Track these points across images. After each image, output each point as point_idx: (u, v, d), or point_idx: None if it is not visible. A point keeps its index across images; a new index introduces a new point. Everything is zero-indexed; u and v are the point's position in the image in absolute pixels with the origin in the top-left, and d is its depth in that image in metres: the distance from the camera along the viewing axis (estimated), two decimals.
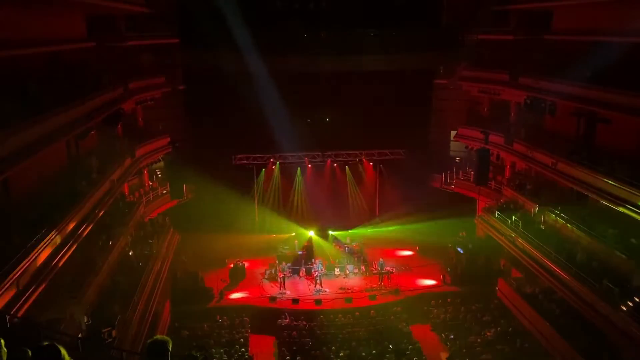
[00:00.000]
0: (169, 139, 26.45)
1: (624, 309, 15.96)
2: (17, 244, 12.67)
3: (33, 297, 12.56)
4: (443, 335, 21.95)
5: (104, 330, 14.21)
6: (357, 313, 23.19)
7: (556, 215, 21.64)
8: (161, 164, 27.73)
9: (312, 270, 25.75)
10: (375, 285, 25.37)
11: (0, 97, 14.02)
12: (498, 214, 24.36)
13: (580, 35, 22.40)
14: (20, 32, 16.46)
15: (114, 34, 24.20)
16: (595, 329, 17.32)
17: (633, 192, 17.13)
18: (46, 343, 4.32)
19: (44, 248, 13.59)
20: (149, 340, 5.02)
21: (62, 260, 14.48)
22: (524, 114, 25.06)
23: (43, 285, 13.14)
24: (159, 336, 5.11)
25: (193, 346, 19.22)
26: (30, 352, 4.54)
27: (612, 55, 18.96)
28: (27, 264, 12.55)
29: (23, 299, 12.11)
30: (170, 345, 5.01)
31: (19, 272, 12.10)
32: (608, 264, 18.09)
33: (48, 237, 13.87)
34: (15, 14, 16.28)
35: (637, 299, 16.02)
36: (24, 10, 16.81)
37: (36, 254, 13.08)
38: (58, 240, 14.58)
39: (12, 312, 11.11)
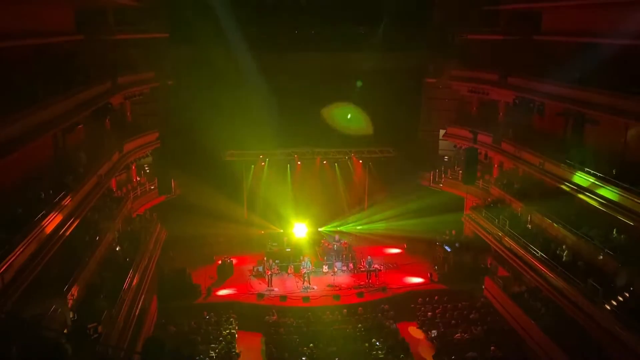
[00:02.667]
0: (157, 134, 26.28)
1: (608, 308, 16.16)
2: (2, 239, 12.51)
3: (18, 292, 12.42)
4: (430, 332, 22.08)
5: (89, 326, 14.08)
6: (344, 310, 23.27)
7: (543, 214, 21.83)
8: (149, 159, 27.54)
9: (300, 268, 25.76)
10: (363, 283, 25.47)
11: None
12: (485, 213, 24.53)
13: (569, 37, 22.59)
14: (7, 23, 16.23)
15: (103, 27, 23.92)
16: (579, 327, 17.52)
17: (619, 192, 17.33)
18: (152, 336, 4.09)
19: (30, 243, 13.44)
20: (147, 338, 4.97)
21: (48, 255, 14.33)
22: (513, 114, 25.23)
23: (28, 281, 13.00)
24: (156, 335, 5.07)
25: (180, 342, 19.14)
26: (14, 348, 4.39)
27: (600, 57, 19.15)
28: (13, 259, 12.40)
29: (8, 294, 11.98)
30: (165, 345, 4.98)
31: (4, 267, 11.96)
32: (593, 263, 18.30)
33: (34, 232, 13.72)
34: (1, 5, 16.04)
35: (620, 298, 16.24)
36: (11, 0, 16.57)
37: (22, 249, 12.93)
38: (44, 235, 14.43)
39: None
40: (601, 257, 18.03)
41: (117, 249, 20.81)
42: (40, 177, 16.63)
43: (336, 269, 26.11)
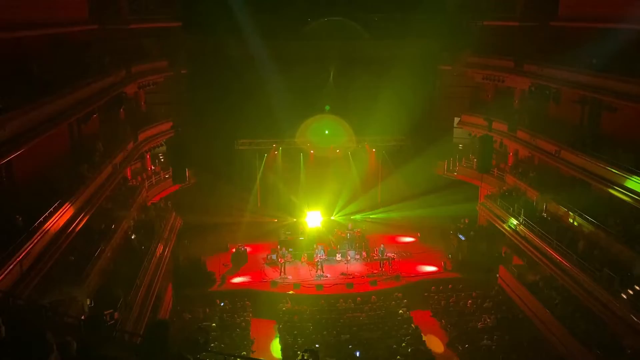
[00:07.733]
0: (171, 123, 26.40)
1: (624, 297, 16.01)
2: (21, 226, 12.72)
3: (36, 279, 12.64)
4: (443, 321, 22.09)
5: (106, 313, 14.29)
6: (358, 298, 23.34)
7: (558, 203, 21.61)
8: (164, 148, 27.70)
9: (314, 256, 25.84)
10: (376, 271, 25.50)
11: (3, 79, 13.99)
12: (500, 202, 24.35)
13: (587, 22, 22.15)
14: (22, 14, 16.33)
15: (117, 16, 24.00)
16: (594, 316, 17.40)
17: (636, 180, 17.08)
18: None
19: (47, 231, 13.65)
20: (150, 322, 5.04)
21: (65, 243, 14.55)
22: (528, 101, 24.91)
23: (46, 268, 13.22)
24: (159, 318, 5.13)
25: (195, 329, 19.36)
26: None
27: (618, 43, 18.77)
28: (31, 246, 12.62)
29: (27, 280, 12.20)
30: (170, 327, 5.03)
31: (23, 254, 12.17)
32: (609, 252, 18.10)
33: (51, 220, 13.93)
34: None
35: (637, 287, 16.06)
36: None
37: (39, 237, 13.14)
38: (61, 223, 14.64)
39: (16, 294, 11.20)
40: (618, 246, 17.82)
41: (133, 237, 21.02)
42: (57, 166, 16.83)
43: (349, 258, 26.15)
